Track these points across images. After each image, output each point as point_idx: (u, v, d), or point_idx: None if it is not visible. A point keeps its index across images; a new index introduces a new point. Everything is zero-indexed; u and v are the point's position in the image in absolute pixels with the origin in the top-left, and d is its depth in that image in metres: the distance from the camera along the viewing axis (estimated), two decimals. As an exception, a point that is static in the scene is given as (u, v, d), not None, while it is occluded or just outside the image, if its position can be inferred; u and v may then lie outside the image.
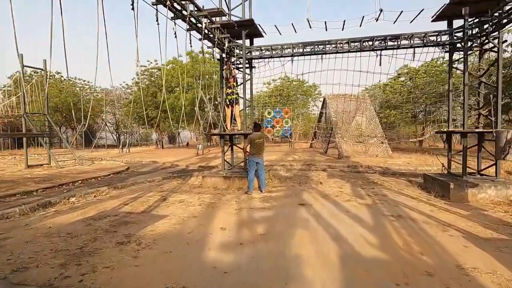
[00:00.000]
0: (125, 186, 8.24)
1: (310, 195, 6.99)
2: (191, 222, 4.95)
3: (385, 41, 7.72)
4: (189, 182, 9.01)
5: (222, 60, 8.61)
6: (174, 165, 14.45)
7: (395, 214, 5.28)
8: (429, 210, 5.58)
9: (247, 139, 7.30)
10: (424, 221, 4.90)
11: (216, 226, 4.69)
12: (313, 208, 5.79)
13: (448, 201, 6.31)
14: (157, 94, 26.71)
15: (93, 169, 12.05)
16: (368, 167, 12.15)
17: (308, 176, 10.12)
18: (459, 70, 7.62)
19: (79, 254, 3.60)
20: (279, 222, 4.87)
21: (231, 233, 4.35)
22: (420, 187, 7.80)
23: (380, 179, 9.25)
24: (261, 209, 5.72)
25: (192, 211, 5.63)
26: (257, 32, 8.54)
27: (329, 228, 4.53)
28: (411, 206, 5.90)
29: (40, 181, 8.76)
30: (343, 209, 5.63)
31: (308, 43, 8.29)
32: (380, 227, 4.59)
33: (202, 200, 6.60)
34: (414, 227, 4.59)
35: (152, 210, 5.74)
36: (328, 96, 20.39)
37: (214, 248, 3.79)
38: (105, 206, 6.03)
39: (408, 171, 10.86)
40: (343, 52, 8.15)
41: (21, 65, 12.48)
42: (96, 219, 5.11)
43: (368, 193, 7.17)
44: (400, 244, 3.87)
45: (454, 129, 7.62)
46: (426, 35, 7.42)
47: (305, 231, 4.41)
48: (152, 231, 4.45)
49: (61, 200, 6.30)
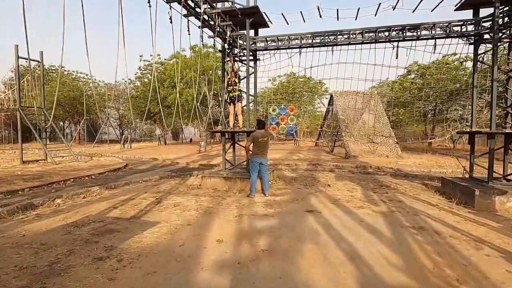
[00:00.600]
0: (119, 186, 7.69)
1: (318, 200, 6.36)
2: (185, 231, 4.36)
3: (403, 32, 7.01)
4: (188, 182, 8.43)
5: (224, 52, 7.97)
6: (174, 162, 13.91)
7: (416, 226, 4.64)
8: (454, 221, 4.93)
9: (250, 137, 6.67)
10: (451, 235, 4.25)
11: (212, 238, 4.09)
12: (322, 216, 5.16)
13: (472, 210, 5.64)
14: (159, 89, 26.14)
15: (89, 166, 11.54)
16: (378, 168, 11.47)
17: (314, 177, 9.48)
18: (485, 64, 6.91)
19: (47, 273, 3.03)
20: (284, 234, 4.25)
21: (228, 247, 3.75)
22: (438, 192, 7.12)
23: (393, 182, 8.59)
24: (264, 217, 5.11)
25: (187, 218, 5.04)
26: (263, 21, 7.87)
27: (342, 243, 3.90)
28: (432, 215, 5.25)
29: (29, 179, 8.25)
30: (356, 218, 5.00)
31: (318, 33, 7.61)
32: (402, 242, 3.95)
33: (199, 204, 6.01)
34: (441, 242, 3.95)
35: (143, 216, 5.16)
36: (335, 93, 19.65)
37: (207, 268, 3.20)
38: (92, 210, 5.47)
39: (421, 173, 10.17)
40: (356, 44, 7.46)
41: (16, 56, 11.99)
42: (78, 226, 4.55)
43: (381, 198, 6.52)
44: (429, 266, 3.23)
45: (479, 129, 6.90)
46: (449, 25, 6.70)
47: (314, 246, 3.79)
48: (138, 243, 3.87)
49: (45, 202, 5.75)
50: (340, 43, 7.53)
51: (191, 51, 24.10)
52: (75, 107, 32.25)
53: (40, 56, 13.12)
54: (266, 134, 6.74)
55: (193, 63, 24.09)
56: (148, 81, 27.89)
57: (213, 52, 23.11)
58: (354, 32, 7.35)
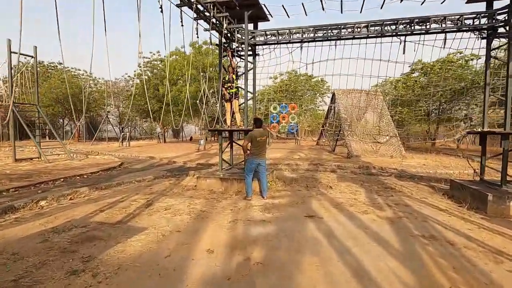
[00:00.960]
0: (110, 187, 7.32)
1: (319, 204, 5.97)
2: (173, 239, 3.99)
3: (411, 25, 6.58)
4: (183, 183, 8.05)
5: (221, 46, 7.57)
6: (171, 161, 13.53)
7: (427, 234, 4.25)
8: (467, 229, 4.53)
9: (248, 137, 6.27)
10: (465, 245, 3.86)
11: (202, 247, 3.71)
12: (324, 222, 4.77)
13: (485, 216, 5.25)
14: (159, 86, 25.75)
15: (83, 164, 11.17)
16: (382, 168, 11.06)
17: (316, 178, 9.09)
18: (499, 60, 6.48)
19: (10, 291, 2.66)
20: (282, 244, 3.87)
21: (219, 259, 3.37)
22: (446, 196, 6.72)
23: (398, 184, 8.19)
24: (261, 223, 4.72)
25: (178, 223, 4.66)
26: (262, 14, 7.47)
27: (346, 255, 3.51)
28: (442, 222, 4.86)
29: (17, 178, 7.89)
30: (361, 226, 4.60)
31: (321, 26, 7.19)
32: (412, 254, 3.56)
33: (192, 207, 5.63)
34: (456, 255, 3.55)
35: (130, 220, 4.78)
36: (337, 91, 19.21)
37: (193, 284, 2.82)
38: (76, 213, 5.10)
39: (426, 174, 9.76)
40: (361, 38, 7.05)
41: (9, 51, 11.62)
42: (58, 232, 4.18)
43: (387, 202, 6.13)
44: (446, 286, 2.84)
45: (493, 129, 6.48)
46: (461, 18, 6.28)
47: (315, 259, 3.40)
48: (120, 253, 3.49)
49: (27, 204, 5.38)
50: (344, 37, 7.11)
51: (191, 48, 23.70)
52: (74, 104, 31.90)
53: (34, 51, 12.75)
54: (264, 133, 6.33)
55: (192, 60, 23.69)
56: (147, 78, 27.49)
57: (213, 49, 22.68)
58: (359, 26, 6.93)
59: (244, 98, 7.63)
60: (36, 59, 12.77)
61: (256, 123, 6.35)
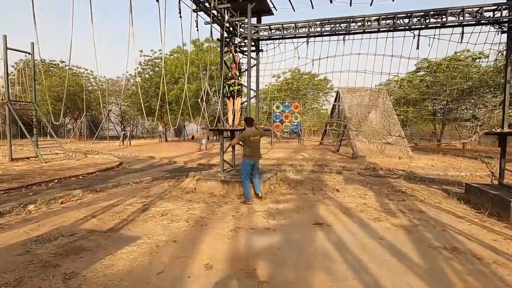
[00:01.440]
0: (105, 189, 6.95)
1: (327, 209, 5.56)
2: (168, 251, 3.60)
3: (426, 18, 6.15)
4: (182, 185, 7.67)
5: (223, 41, 7.17)
6: (172, 161, 13.16)
7: (449, 246, 3.84)
8: (491, 239, 4.12)
9: (239, 137, 6.02)
10: (494, 260, 3.45)
11: (199, 261, 3.33)
12: (333, 231, 4.37)
13: (508, 224, 4.82)
14: (160, 85, 25.41)
15: (80, 164, 10.83)
16: (389, 170, 10.64)
17: (321, 180, 8.68)
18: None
19: (-25, 317, 2.29)
20: (289, 258, 3.47)
21: (218, 276, 2.98)
22: (462, 201, 6.28)
23: (408, 187, 7.76)
24: (265, 231, 4.33)
25: (174, 231, 4.28)
26: (266, 7, 7.07)
27: (361, 273, 3.11)
28: (463, 231, 4.44)
29: (8, 179, 7.54)
30: (375, 235, 4.20)
31: (328, 20, 6.77)
32: (436, 271, 3.15)
33: (191, 212, 5.25)
34: (486, 273, 3.14)
35: (123, 228, 4.41)
36: (342, 89, 18.76)
37: (188, 310, 2.43)
38: (65, 219, 4.73)
39: (437, 177, 9.32)
40: (371, 32, 6.62)
41: (5, 47, 11.29)
42: (42, 241, 3.80)
43: (399, 208, 5.71)
44: (482, 313, 2.44)
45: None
46: (480, 10, 5.83)
47: (327, 278, 3.00)
48: (108, 268, 3.11)
49: (14, 209, 5.02)
50: (353, 31, 6.69)
51: (193, 46, 23.33)
52: (75, 103, 31.66)
53: (31, 48, 12.41)
54: (257, 132, 5.99)
55: (194, 58, 23.33)
56: (148, 77, 27.15)
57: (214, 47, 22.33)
58: (369, 19, 6.50)
59: (247, 96, 7.23)
60: (33, 55, 12.44)
61: (248, 123, 6.04)
